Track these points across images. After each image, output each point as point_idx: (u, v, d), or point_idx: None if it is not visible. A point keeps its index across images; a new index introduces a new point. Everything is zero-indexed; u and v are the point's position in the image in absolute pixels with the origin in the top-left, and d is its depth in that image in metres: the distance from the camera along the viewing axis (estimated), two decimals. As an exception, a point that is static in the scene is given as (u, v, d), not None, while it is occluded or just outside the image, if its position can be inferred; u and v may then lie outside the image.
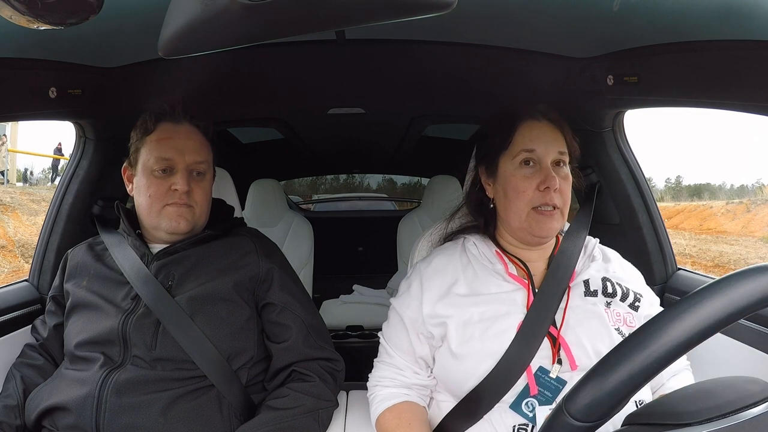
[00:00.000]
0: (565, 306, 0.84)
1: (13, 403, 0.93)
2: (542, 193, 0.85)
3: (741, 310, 0.41)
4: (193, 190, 0.99)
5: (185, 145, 0.99)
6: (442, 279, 0.88)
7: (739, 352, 1.00)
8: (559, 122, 0.90)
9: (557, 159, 0.87)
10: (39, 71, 1.05)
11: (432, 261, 0.92)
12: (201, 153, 1.01)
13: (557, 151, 0.87)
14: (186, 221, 0.98)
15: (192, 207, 0.99)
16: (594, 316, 0.82)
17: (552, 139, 0.87)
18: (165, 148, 0.98)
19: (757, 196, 14.26)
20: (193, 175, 1.00)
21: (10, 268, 6.96)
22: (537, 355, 0.79)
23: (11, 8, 0.45)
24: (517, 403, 0.79)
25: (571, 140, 0.90)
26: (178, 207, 0.97)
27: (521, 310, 0.83)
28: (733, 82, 0.88)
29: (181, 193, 0.97)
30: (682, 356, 0.69)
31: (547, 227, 0.85)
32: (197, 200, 0.99)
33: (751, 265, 0.44)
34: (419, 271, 0.92)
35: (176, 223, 0.97)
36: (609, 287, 0.86)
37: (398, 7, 0.43)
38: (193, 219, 0.99)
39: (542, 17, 0.95)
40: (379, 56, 1.22)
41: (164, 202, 0.97)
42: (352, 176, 6.20)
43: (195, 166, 0.99)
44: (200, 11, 0.43)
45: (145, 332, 0.90)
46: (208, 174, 1.03)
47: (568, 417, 0.44)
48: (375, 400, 0.90)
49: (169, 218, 0.97)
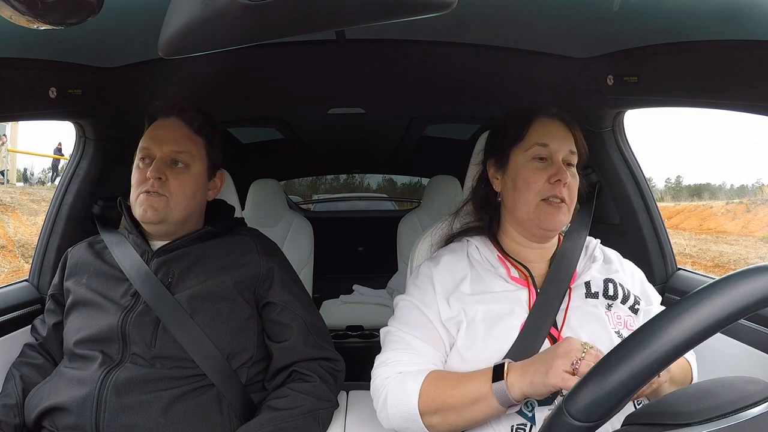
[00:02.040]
0: (567, 307, 0.84)
1: (11, 402, 0.93)
2: (552, 185, 0.86)
3: (741, 310, 0.41)
4: (169, 180, 0.97)
5: (165, 136, 1.00)
6: (451, 277, 0.88)
7: (739, 352, 1.00)
8: (571, 124, 0.92)
9: (568, 158, 0.89)
10: (39, 71, 1.05)
11: (440, 260, 0.91)
12: (182, 143, 1.00)
13: (569, 150, 0.89)
14: (154, 210, 0.96)
15: (165, 197, 0.97)
16: (595, 319, 0.82)
17: (564, 137, 0.89)
18: (147, 139, 1.00)
19: (757, 196, 14.24)
20: (172, 165, 0.99)
21: (10, 268, 6.96)
22: None
23: (11, 8, 0.45)
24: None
25: (582, 143, 0.92)
26: (147, 195, 0.96)
27: (525, 308, 0.83)
28: (733, 82, 0.88)
29: (153, 181, 0.96)
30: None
31: (554, 219, 0.86)
32: (172, 190, 0.97)
33: (751, 265, 0.44)
34: (428, 268, 0.90)
35: (144, 211, 0.96)
36: (610, 289, 0.87)
37: (398, 7, 0.43)
38: (165, 209, 0.97)
39: (542, 17, 0.95)
40: (379, 56, 1.22)
41: (140, 190, 0.97)
42: (352, 176, 6.20)
43: (173, 155, 0.99)
44: (200, 11, 0.43)
45: (144, 330, 0.90)
46: (192, 167, 1.01)
47: (568, 417, 0.44)
48: (407, 379, 0.79)
49: (139, 205, 0.97)
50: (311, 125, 1.95)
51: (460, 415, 0.75)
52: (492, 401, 0.72)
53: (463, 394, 0.75)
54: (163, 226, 0.99)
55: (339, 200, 4.58)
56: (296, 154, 2.43)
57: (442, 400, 0.76)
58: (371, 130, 2.04)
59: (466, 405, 0.74)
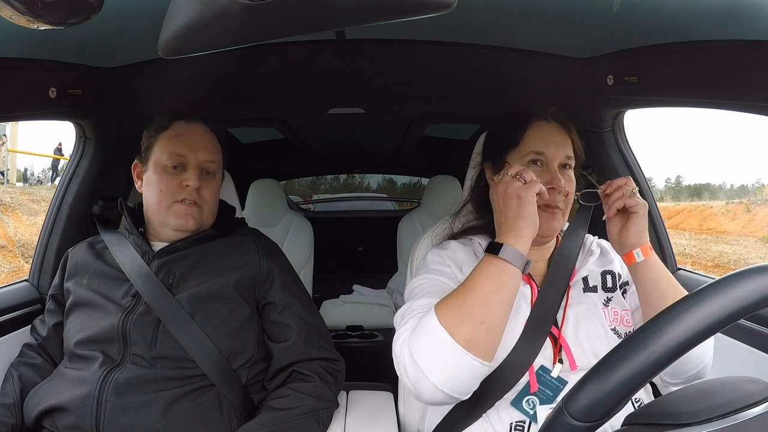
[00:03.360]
0: (565, 305, 0.84)
1: (9, 401, 0.93)
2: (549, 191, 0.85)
3: (741, 310, 0.41)
4: (203, 189, 0.99)
5: (198, 143, 1.00)
6: (464, 255, 0.89)
7: (739, 352, 1.00)
8: (568, 126, 0.91)
9: (564, 163, 0.88)
10: (39, 71, 1.05)
11: (449, 245, 0.91)
12: (213, 152, 1.02)
13: (565, 155, 0.88)
14: (194, 219, 0.99)
15: (201, 206, 1.00)
16: (593, 316, 0.83)
17: (561, 143, 0.88)
18: (178, 144, 0.99)
19: (757, 196, 14.26)
20: (204, 173, 1.00)
21: (10, 268, 6.95)
22: (540, 354, 0.80)
23: (11, 8, 0.45)
24: (518, 400, 0.79)
25: (578, 145, 0.91)
26: (187, 205, 0.98)
27: (529, 305, 0.84)
28: (733, 82, 0.88)
29: (192, 190, 0.97)
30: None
31: (548, 226, 0.86)
32: (206, 199, 1.00)
33: (751, 265, 0.44)
34: (437, 254, 0.89)
35: (184, 221, 0.98)
36: (609, 281, 0.88)
37: (398, 7, 0.43)
38: (201, 218, 1.00)
39: (542, 17, 0.95)
40: (379, 56, 1.22)
41: (174, 198, 0.98)
42: (352, 176, 6.19)
43: (206, 164, 1.00)
44: (200, 11, 0.43)
45: (144, 330, 0.90)
46: (217, 175, 1.04)
47: (568, 417, 0.44)
48: (420, 322, 0.73)
49: (176, 215, 0.98)
50: (311, 125, 1.95)
51: (486, 308, 0.70)
52: (507, 268, 0.72)
53: (479, 284, 0.72)
54: (193, 232, 1.01)
55: (339, 200, 4.57)
56: (296, 154, 2.43)
57: (462, 303, 0.71)
58: (371, 130, 2.04)
59: (488, 293, 0.71)
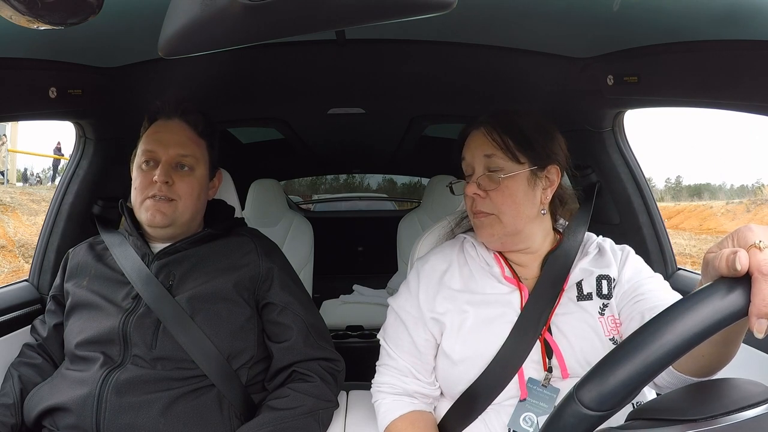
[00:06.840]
0: (554, 308, 0.82)
1: (9, 401, 0.93)
2: (472, 200, 0.87)
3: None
4: (176, 184, 0.98)
5: (170, 139, 0.99)
6: (436, 273, 0.90)
7: (740, 352, 1.00)
8: (492, 124, 0.87)
9: (488, 164, 0.85)
10: (39, 71, 1.05)
11: (429, 259, 0.93)
12: (187, 147, 1.00)
13: (482, 155, 0.86)
14: (162, 215, 0.96)
15: (174, 201, 0.97)
16: (588, 328, 0.81)
17: (479, 144, 0.87)
18: (151, 141, 0.99)
19: (757, 196, 14.25)
20: (177, 168, 0.99)
21: (10, 268, 6.95)
22: (528, 362, 0.79)
23: (11, 8, 0.45)
24: (515, 419, 0.78)
25: (506, 141, 0.85)
26: (156, 201, 0.96)
27: (516, 311, 0.83)
28: (733, 82, 0.88)
29: (161, 185, 0.96)
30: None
31: (481, 233, 0.87)
32: (180, 194, 0.98)
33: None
34: (416, 269, 0.93)
35: (152, 216, 0.96)
36: (604, 287, 0.84)
37: (398, 7, 0.43)
38: (174, 213, 0.98)
39: (542, 17, 0.95)
40: (379, 56, 1.22)
41: (145, 194, 0.97)
42: (352, 176, 6.19)
43: (179, 158, 0.99)
44: (200, 11, 0.43)
45: (145, 331, 0.90)
46: (197, 169, 1.01)
47: (580, 405, 0.43)
48: (381, 407, 0.89)
49: (146, 210, 0.97)
50: (311, 125, 1.95)
51: None
52: None
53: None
54: (170, 230, 0.99)
55: (339, 200, 4.57)
56: (296, 154, 2.43)
57: None
58: (371, 130, 2.04)
59: None
